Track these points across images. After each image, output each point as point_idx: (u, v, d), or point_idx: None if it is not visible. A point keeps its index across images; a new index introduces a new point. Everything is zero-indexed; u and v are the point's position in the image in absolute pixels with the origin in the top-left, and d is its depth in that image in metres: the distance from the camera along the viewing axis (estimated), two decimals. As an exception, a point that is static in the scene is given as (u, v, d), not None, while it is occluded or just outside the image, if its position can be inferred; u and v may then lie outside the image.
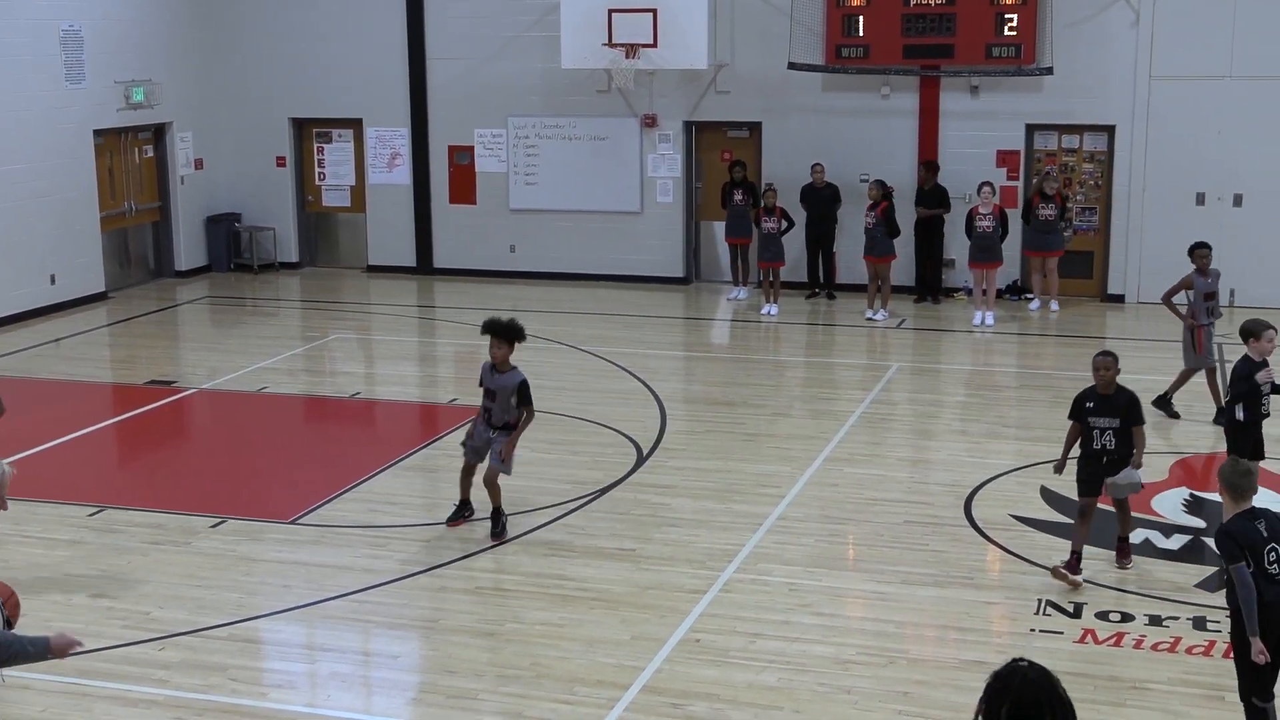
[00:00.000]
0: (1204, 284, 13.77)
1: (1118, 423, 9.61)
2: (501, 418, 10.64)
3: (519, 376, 10.61)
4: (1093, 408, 9.71)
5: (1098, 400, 9.71)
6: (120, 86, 20.50)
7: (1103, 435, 9.66)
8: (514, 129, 21.62)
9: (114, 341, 18.31)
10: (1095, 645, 8.74)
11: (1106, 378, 9.65)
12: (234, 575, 10.07)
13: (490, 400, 10.66)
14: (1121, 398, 9.68)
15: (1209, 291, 13.81)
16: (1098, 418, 9.69)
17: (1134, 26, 19.03)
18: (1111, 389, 9.67)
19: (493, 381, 10.65)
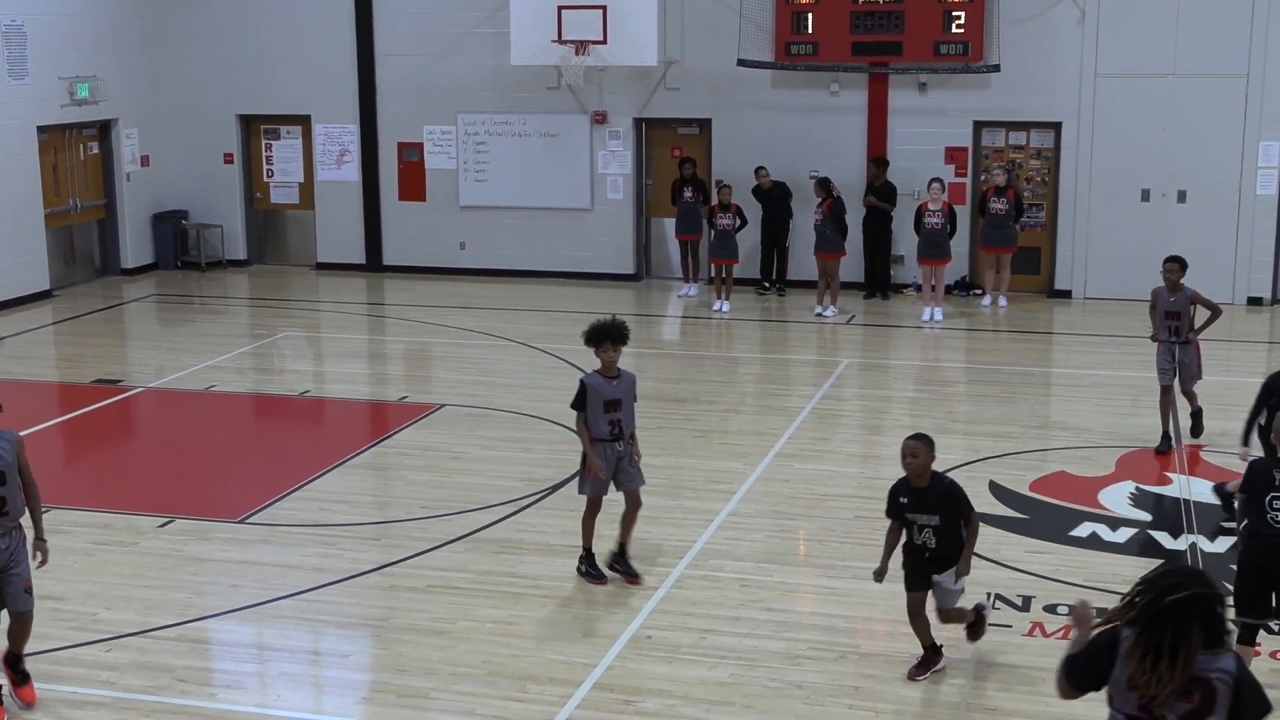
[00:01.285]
0: (1165, 301, 12.60)
1: (937, 519, 8.09)
2: (630, 426, 9.77)
3: (631, 374, 9.91)
4: (908, 503, 8.18)
5: (912, 494, 8.16)
6: (64, 82, 20.28)
7: (922, 533, 8.14)
8: (463, 126, 21.55)
9: (59, 340, 18.12)
10: (1043, 638, 8.82)
11: (914, 466, 8.09)
12: (182, 575, 9.99)
13: (616, 411, 9.65)
14: (938, 490, 8.12)
15: (1169, 310, 12.57)
16: (915, 514, 8.17)
17: (1079, 24, 19.20)
18: (925, 479, 8.11)
19: (614, 390, 9.66)
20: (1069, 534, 10.65)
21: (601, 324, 9.73)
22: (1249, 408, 10.50)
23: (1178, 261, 12.54)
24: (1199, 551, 10.22)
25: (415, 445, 13.12)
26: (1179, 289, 12.48)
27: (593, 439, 9.63)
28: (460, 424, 13.74)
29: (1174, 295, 12.50)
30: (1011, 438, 13.13)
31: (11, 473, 7.67)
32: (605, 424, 9.60)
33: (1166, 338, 12.59)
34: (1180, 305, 12.49)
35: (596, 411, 9.59)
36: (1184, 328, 12.49)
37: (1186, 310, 12.47)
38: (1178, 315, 12.50)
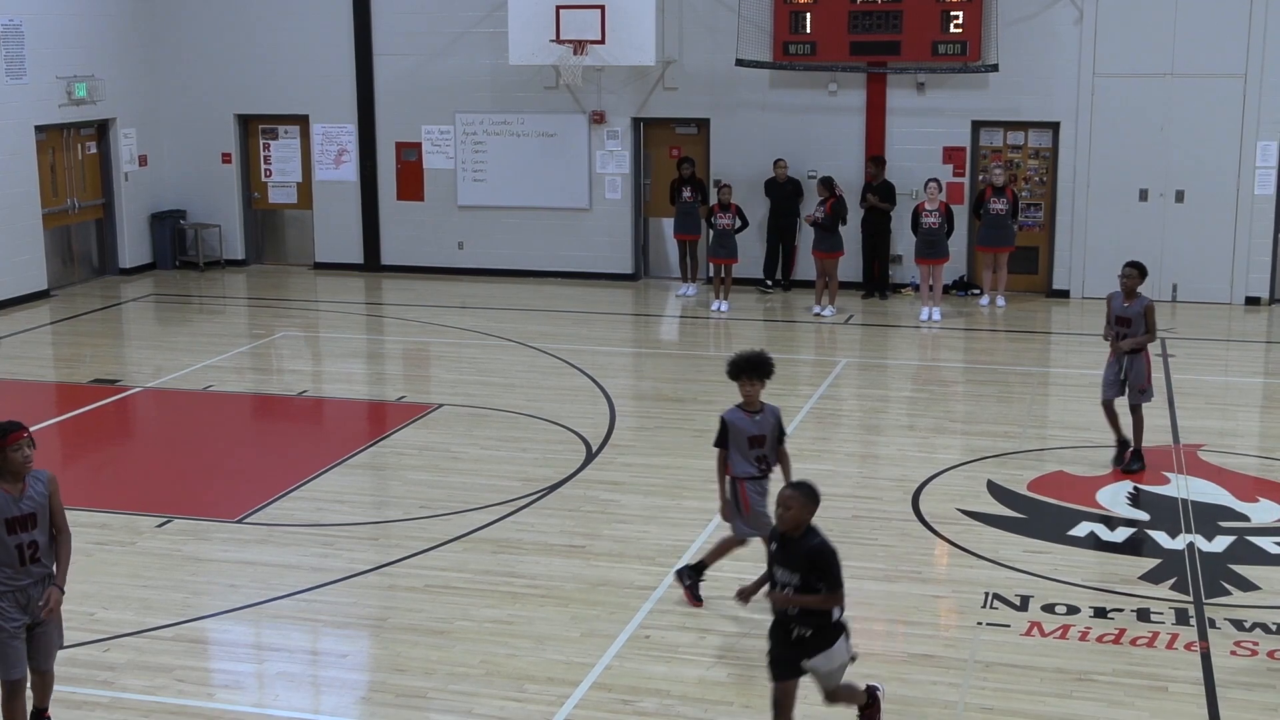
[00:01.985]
0: (1118, 306, 12.04)
1: (797, 579, 6.96)
2: (773, 462, 9.18)
3: (775, 407, 9.26)
4: (775, 551, 7.11)
5: (781, 543, 7.09)
6: (62, 82, 20.27)
7: (783, 591, 7.04)
8: (462, 125, 21.55)
9: (57, 340, 18.11)
10: (1041, 638, 8.82)
11: (785, 519, 6.99)
12: (180, 575, 9.98)
13: (760, 447, 9.08)
14: (805, 545, 6.97)
15: (1120, 315, 11.99)
16: (780, 567, 7.05)
17: (1077, 24, 19.20)
18: (799, 529, 7.02)
19: (757, 425, 9.10)
20: (1067, 533, 10.65)
21: (742, 357, 9.15)
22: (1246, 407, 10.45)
23: (1136, 268, 12.00)
24: (1196, 552, 10.23)
25: (413, 445, 13.12)
26: (1134, 296, 11.93)
27: (738, 478, 9.08)
28: (458, 424, 13.74)
29: (1128, 301, 11.95)
30: (1010, 437, 13.14)
31: (43, 514, 7.17)
32: (752, 461, 9.06)
33: (1121, 345, 12.05)
34: (1133, 313, 11.91)
35: (740, 449, 9.05)
36: (1133, 334, 11.94)
37: (1139, 319, 11.87)
38: (1129, 322, 11.92)
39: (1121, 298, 11.98)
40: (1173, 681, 8.18)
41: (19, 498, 7.09)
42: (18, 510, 7.06)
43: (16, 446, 7.04)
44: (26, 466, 7.09)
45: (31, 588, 7.13)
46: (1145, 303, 11.88)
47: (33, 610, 7.13)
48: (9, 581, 7.07)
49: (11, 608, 7.08)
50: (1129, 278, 11.91)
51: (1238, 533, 10.61)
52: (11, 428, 7.09)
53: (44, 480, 7.22)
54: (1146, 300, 11.90)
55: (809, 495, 7.06)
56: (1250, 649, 8.62)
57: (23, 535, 7.08)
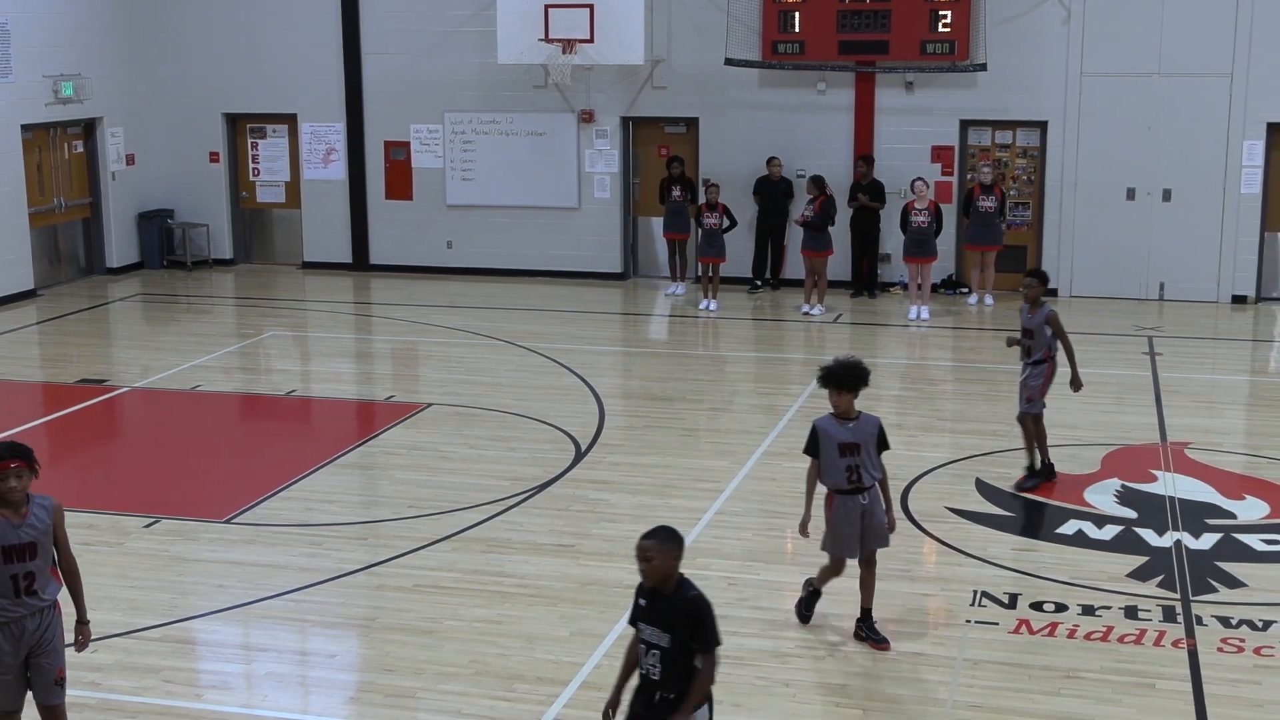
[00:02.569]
0: (1023, 317, 11.59)
1: (668, 640, 6.25)
2: (872, 475, 8.67)
3: (874, 416, 8.88)
4: (644, 607, 6.42)
5: (649, 599, 6.41)
6: (49, 81, 20.22)
7: (649, 654, 6.34)
8: (450, 124, 21.53)
9: (44, 340, 18.07)
10: (1030, 635, 8.84)
11: (650, 571, 6.30)
12: (168, 576, 9.97)
13: (853, 456, 8.61)
14: (681, 600, 6.31)
15: (1025, 327, 11.51)
16: (646, 625, 6.37)
17: (1065, 23, 19.24)
18: (669, 582, 6.33)
19: (851, 433, 8.64)
20: (1055, 531, 10.68)
21: (835, 367, 8.70)
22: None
23: (1038, 276, 11.51)
24: (1183, 549, 10.25)
25: (402, 444, 13.11)
26: (1038, 306, 11.39)
27: (832, 490, 8.64)
28: (447, 423, 13.73)
29: (1031, 312, 11.41)
30: (998, 436, 13.15)
31: (45, 543, 6.72)
32: (842, 471, 8.53)
33: (1021, 357, 11.59)
34: (1035, 323, 11.36)
35: (831, 458, 8.56)
36: (1036, 348, 11.38)
37: (1041, 330, 11.35)
38: (1031, 334, 11.41)
39: (1026, 308, 11.50)
40: (1160, 678, 8.20)
41: (19, 525, 6.66)
42: (16, 539, 6.64)
43: (3, 476, 6.59)
44: (13, 496, 6.61)
45: (27, 619, 6.72)
46: (1047, 312, 11.36)
47: (28, 643, 6.75)
48: (2, 613, 6.67)
49: (5, 641, 6.70)
50: (1030, 287, 11.40)
51: (1225, 530, 10.65)
52: (3, 454, 6.65)
53: (48, 508, 6.78)
54: (1048, 309, 11.38)
55: (669, 541, 6.30)
56: (1237, 645, 8.64)
57: (19, 565, 6.64)
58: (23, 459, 6.68)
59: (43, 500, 6.78)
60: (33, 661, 6.82)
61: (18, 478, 6.63)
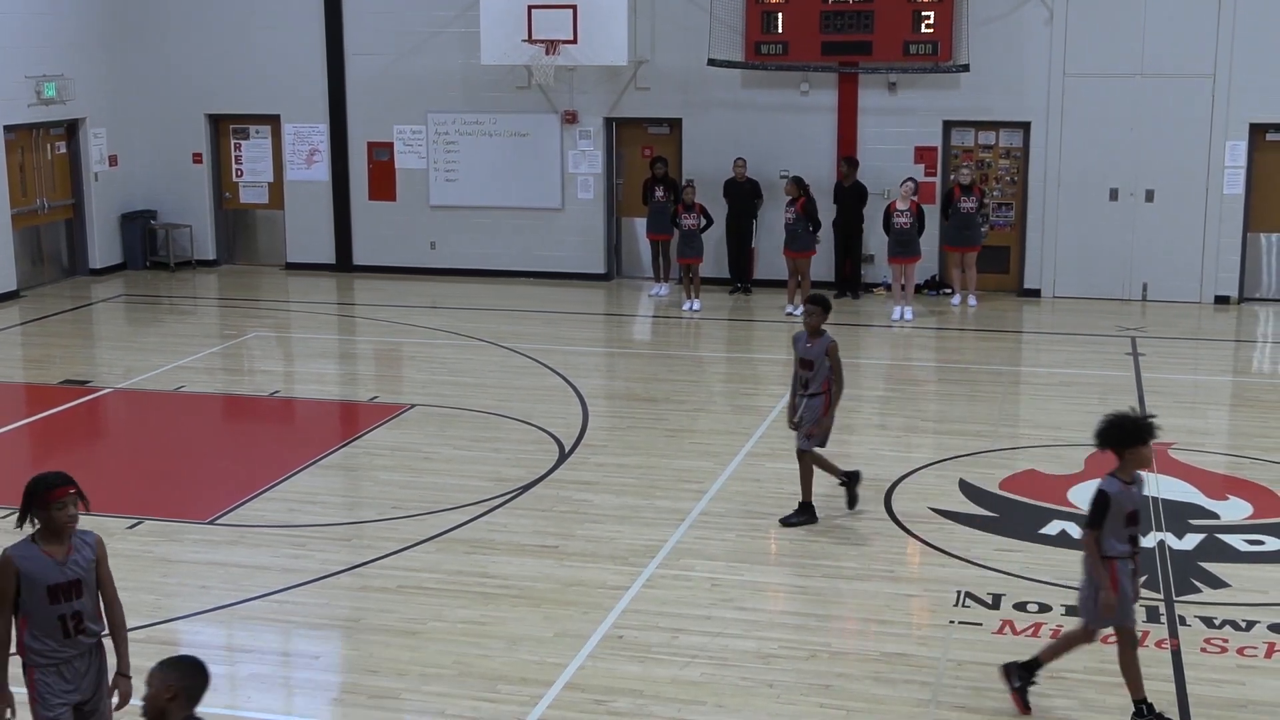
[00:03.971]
0: (801, 346, 10.80)
1: None
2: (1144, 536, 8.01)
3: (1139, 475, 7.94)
4: None
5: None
6: (31, 81, 20.14)
7: None
8: (434, 125, 21.51)
9: (27, 341, 18.00)
10: (1014, 635, 8.85)
11: None
12: (151, 577, 9.94)
13: (1136, 525, 7.75)
14: None
15: (803, 357, 10.74)
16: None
17: (1048, 24, 19.28)
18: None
19: (1139, 498, 7.86)
20: (1039, 532, 10.69)
21: (1120, 422, 7.93)
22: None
23: (819, 304, 10.72)
24: (1167, 549, 10.28)
25: (386, 445, 13.09)
26: (818, 335, 10.64)
27: (1107, 556, 7.66)
28: (430, 424, 13.71)
29: (811, 341, 10.66)
30: (982, 436, 13.19)
31: (90, 581, 6.28)
32: (1125, 538, 7.72)
33: (801, 390, 10.77)
34: (815, 354, 10.61)
35: (1116, 525, 7.69)
36: (814, 380, 10.63)
37: (821, 361, 10.59)
38: (810, 365, 10.64)
39: (805, 337, 10.72)
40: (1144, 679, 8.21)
41: (63, 562, 6.22)
42: (61, 576, 6.19)
43: (61, 504, 6.15)
44: (71, 526, 6.21)
45: (77, 660, 6.30)
46: (827, 342, 10.61)
47: (81, 687, 6.33)
48: (53, 654, 6.23)
49: (56, 682, 6.25)
50: (811, 315, 10.63)
51: (1207, 530, 10.68)
52: (57, 480, 6.17)
53: (91, 544, 6.34)
54: (829, 339, 10.63)
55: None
56: (1220, 646, 8.67)
57: (65, 605, 6.21)
58: (76, 486, 6.23)
59: (85, 536, 6.35)
60: (87, 708, 6.39)
61: (74, 505, 6.20)
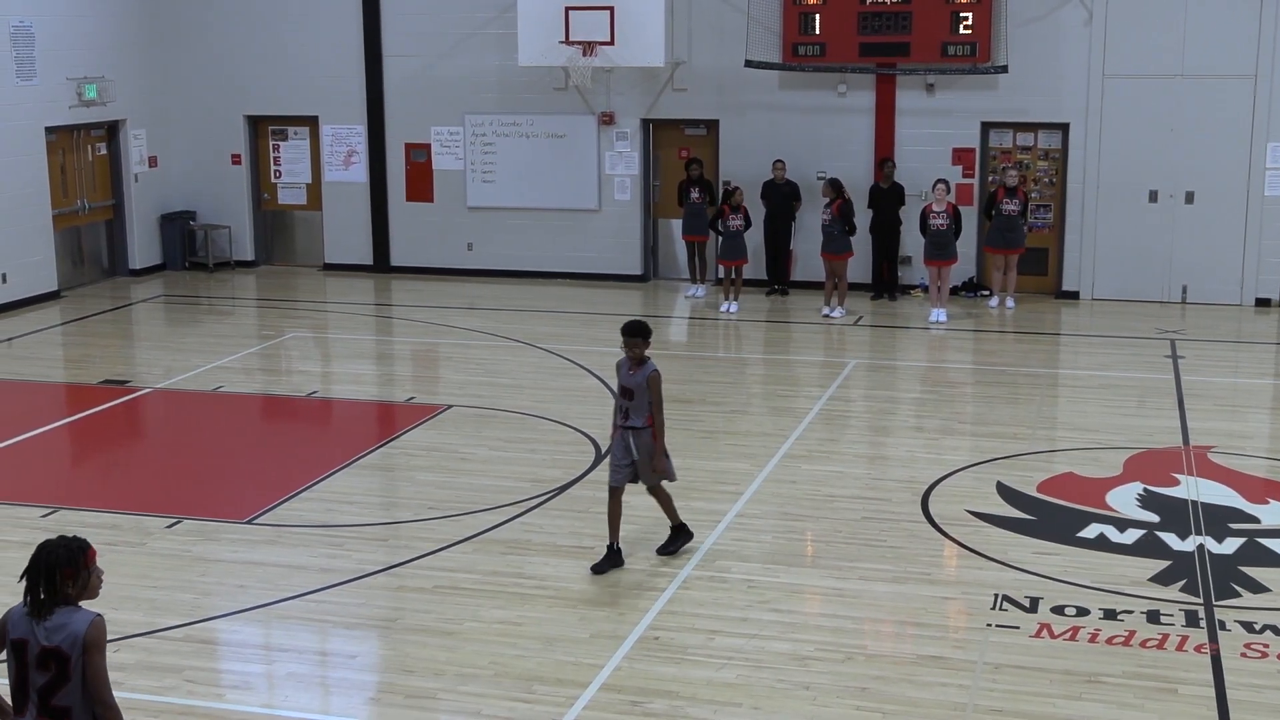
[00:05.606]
0: (623, 374, 10.03)
1: None
2: None
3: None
4: None
5: None
6: (72, 83, 20.31)
7: None
8: (471, 126, 21.56)
9: (67, 341, 18.15)
10: (1051, 639, 8.80)
11: None
12: (189, 576, 10.00)
13: None
14: None
15: (624, 385, 10.01)
16: None
17: (1087, 25, 19.18)
18: None
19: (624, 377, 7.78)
20: (1077, 535, 10.62)
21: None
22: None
23: (639, 334, 9.95)
24: (1206, 553, 10.20)
25: (422, 446, 13.13)
26: (641, 363, 9.94)
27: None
28: (467, 425, 13.75)
29: (633, 369, 9.94)
30: (1019, 439, 13.12)
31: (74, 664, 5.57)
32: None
33: (620, 421, 10.03)
34: (636, 383, 9.91)
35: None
36: (636, 410, 9.93)
37: (642, 390, 9.90)
38: (631, 394, 9.95)
39: (628, 364, 9.99)
40: (1183, 684, 8.16)
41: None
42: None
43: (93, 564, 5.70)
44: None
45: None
46: (650, 371, 9.91)
47: None
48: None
49: None
50: (632, 346, 9.90)
51: (1248, 534, 10.59)
52: (86, 544, 5.70)
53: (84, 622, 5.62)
54: (652, 369, 9.93)
55: None
56: (1261, 651, 8.60)
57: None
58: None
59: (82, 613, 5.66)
60: None
61: None
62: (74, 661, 5.54)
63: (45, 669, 5.57)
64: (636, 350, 9.92)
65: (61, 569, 5.57)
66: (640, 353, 9.94)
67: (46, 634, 5.55)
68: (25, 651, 5.60)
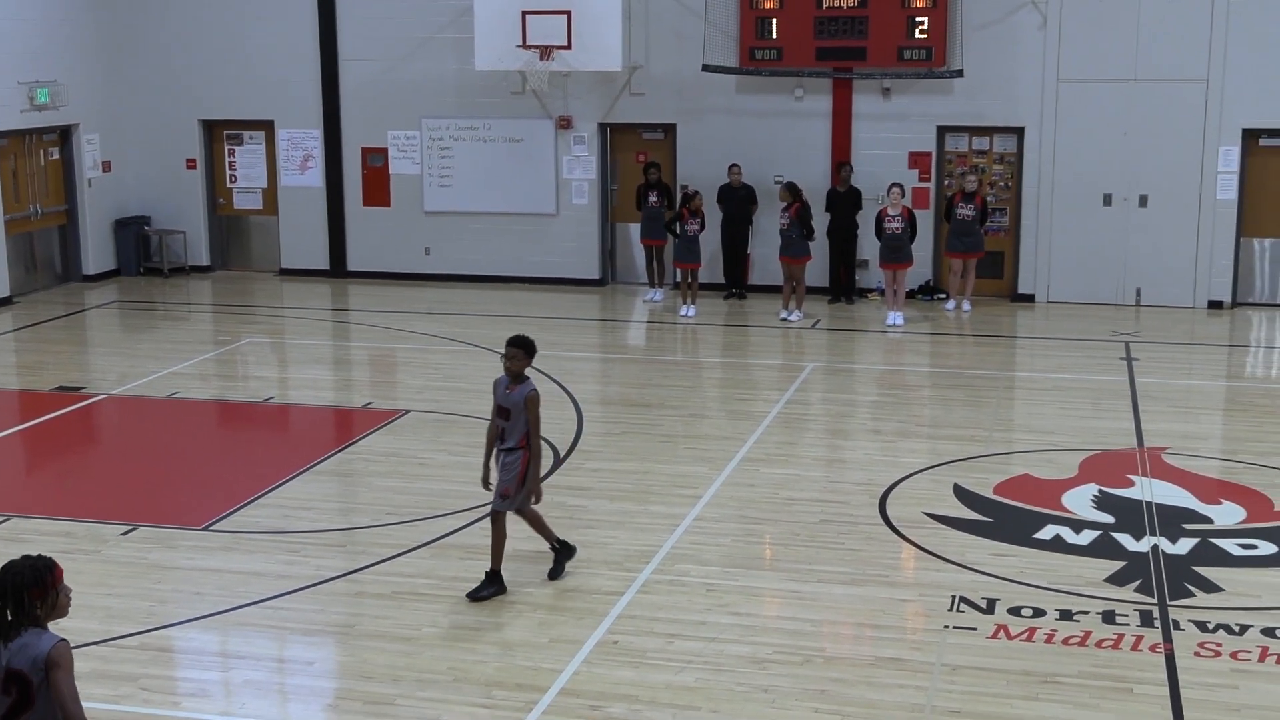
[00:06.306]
0: (500, 394, 9.58)
1: None
2: None
3: None
4: None
5: None
6: (24, 87, 20.12)
7: None
8: (428, 131, 21.51)
9: (20, 347, 17.97)
10: (1008, 640, 8.85)
11: None
12: (145, 583, 9.92)
13: None
14: None
15: (499, 404, 9.55)
16: None
17: (1041, 29, 19.32)
18: None
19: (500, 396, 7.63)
20: (1033, 536, 10.69)
21: None
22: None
23: (522, 346, 9.50)
24: (1160, 554, 10.29)
25: (380, 451, 13.08)
26: (520, 380, 9.49)
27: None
28: (425, 430, 13.71)
29: (511, 387, 9.50)
30: (976, 441, 13.19)
31: (37, 688, 5.39)
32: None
33: (497, 442, 9.62)
34: (514, 402, 9.45)
35: None
36: (512, 431, 9.48)
37: (519, 410, 9.44)
38: (507, 414, 9.48)
39: (505, 382, 9.56)
40: (1138, 683, 8.23)
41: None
42: None
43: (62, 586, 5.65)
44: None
45: None
46: (528, 390, 9.47)
47: None
48: None
49: None
50: (514, 359, 9.46)
51: (1201, 535, 10.69)
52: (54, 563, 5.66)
53: (47, 643, 5.51)
54: (530, 388, 9.49)
55: None
56: (1214, 650, 8.68)
57: None
58: None
59: (46, 636, 5.56)
60: None
61: None
62: (37, 686, 5.42)
63: (8, 693, 5.46)
64: (516, 364, 9.44)
65: (29, 590, 5.49)
66: (520, 368, 9.46)
67: (10, 656, 5.44)
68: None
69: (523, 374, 9.52)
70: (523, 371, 9.51)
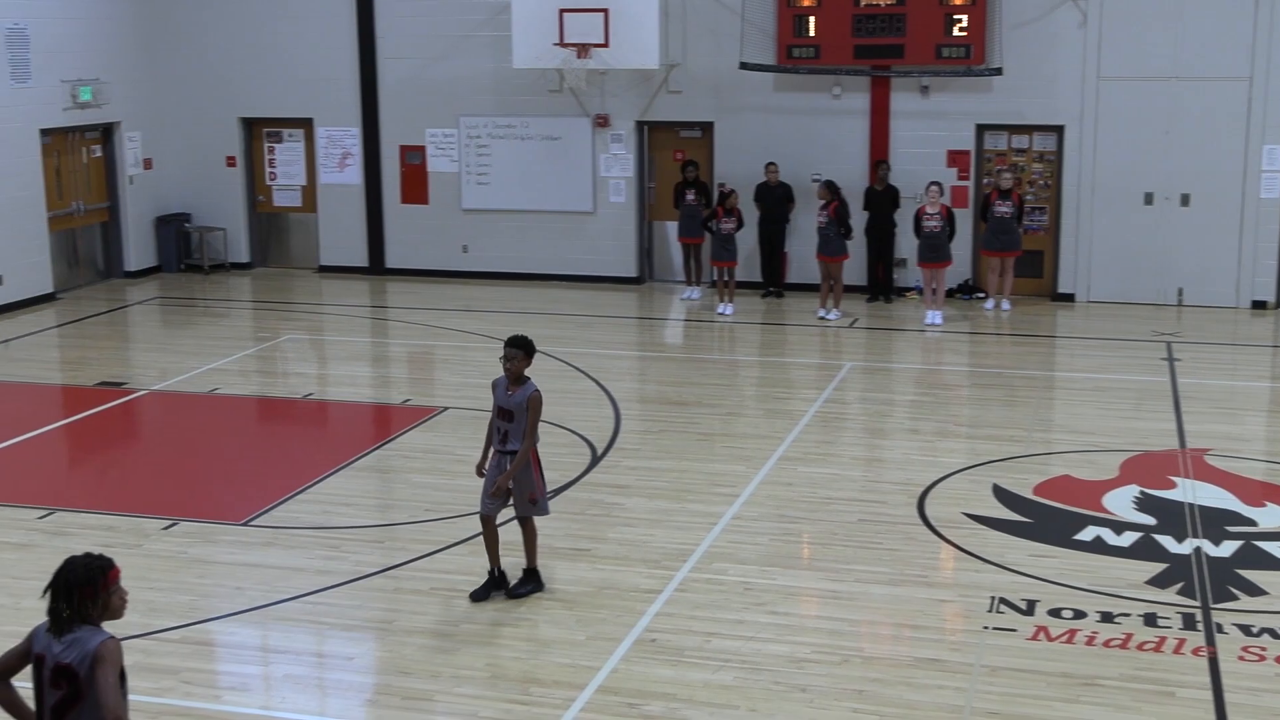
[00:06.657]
0: (501, 395, 9.44)
1: None
2: None
3: None
4: None
5: None
6: (67, 85, 20.28)
7: None
8: (465, 129, 21.56)
9: (63, 343, 18.12)
10: (1048, 642, 8.81)
11: None
12: (186, 578, 9.99)
13: None
14: None
15: (502, 406, 9.41)
16: None
17: (1081, 27, 19.19)
18: None
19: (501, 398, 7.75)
20: (1073, 538, 10.63)
21: None
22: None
23: (521, 346, 9.42)
24: (1203, 556, 10.21)
25: (419, 448, 13.13)
26: (521, 382, 9.39)
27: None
28: (463, 427, 13.73)
29: (512, 389, 9.38)
30: (1015, 441, 13.13)
31: (85, 682, 5.42)
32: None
33: (498, 444, 9.42)
34: (516, 404, 9.32)
35: None
36: (515, 434, 9.34)
37: (521, 412, 9.32)
38: (509, 415, 9.34)
39: (505, 384, 9.45)
40: (1180, 687, 8.17)
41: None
42: None
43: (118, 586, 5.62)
44: None
45: None
46: (530, 391, 9.34)
47: None
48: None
49: None
50: (513, 359, 9.35)
51: (1245, 537, 10.60)
52: (111, 562, 5.62)
53: (98, 640, 5.50)
54: (532, 389, 9.36)
55: None
56: (1258, 654, 8.61)
57: None
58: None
59: (98, 634, 5.55)
60: None
61: None
62: (84, 680, 5.45)
63: (57, 686, 5.49)
64: (515, 364, 9.33)
65: (80, 589, 5.50)
66: (519, 369, 9.35)
67: (61, 650, 5.47)
68: (42, 667, 5.53)
69: (523, 375, 9.42)
70: (523, 373, 9.42)
